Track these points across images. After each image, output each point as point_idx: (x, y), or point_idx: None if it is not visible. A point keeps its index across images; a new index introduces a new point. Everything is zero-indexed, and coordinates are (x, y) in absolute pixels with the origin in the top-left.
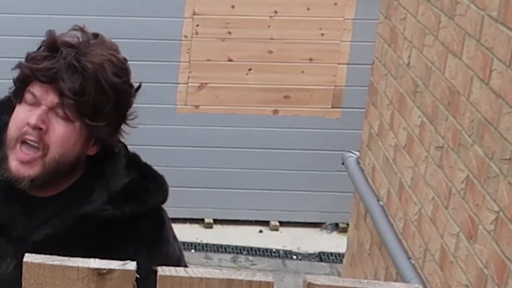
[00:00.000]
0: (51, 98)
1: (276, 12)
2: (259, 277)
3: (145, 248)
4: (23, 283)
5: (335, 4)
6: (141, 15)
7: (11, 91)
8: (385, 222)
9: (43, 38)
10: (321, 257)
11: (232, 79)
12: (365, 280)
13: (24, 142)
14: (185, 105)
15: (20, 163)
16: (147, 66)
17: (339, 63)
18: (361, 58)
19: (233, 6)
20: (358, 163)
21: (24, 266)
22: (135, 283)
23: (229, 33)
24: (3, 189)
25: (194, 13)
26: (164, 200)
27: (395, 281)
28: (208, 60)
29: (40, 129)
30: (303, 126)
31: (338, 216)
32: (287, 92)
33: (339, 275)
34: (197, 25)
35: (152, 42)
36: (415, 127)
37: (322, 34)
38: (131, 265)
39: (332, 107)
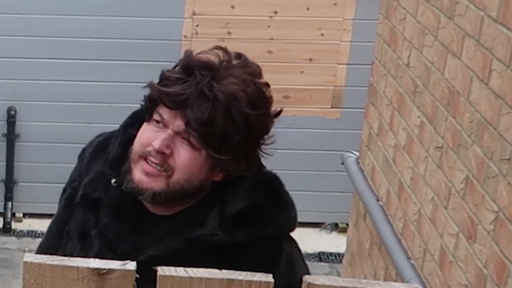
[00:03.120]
0: (178, 123)
1: (276, 12)
2: (259, 277)
3: None
4: (23, 283)
5: (335, 4)
6: (141, 15)
7: (142, 106)
8: (385, 222)
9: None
10: (321, 257)
11: None
12: (365, 280)
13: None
14: None
15: (145, 174)
16: (147, 66)
17: (338, 63)
18: (360, 58)
19: (233, 6)
20: (358, 163)
21: (24, 266)
22: (135, 283)
23: (229, 33)
24: (115, 206)
25: (194, 13)
26: (287, 228)
27: (395, 281)
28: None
29: (163, 153)
30: (303, 126)
31: (338, 216)
32: (286, 92)
33: (338, 275)
34: (197, 25)
35: (152, 42)
36: (415, 127)
37: (322, 34)
38: (131, 265)
39: (332, 107)
